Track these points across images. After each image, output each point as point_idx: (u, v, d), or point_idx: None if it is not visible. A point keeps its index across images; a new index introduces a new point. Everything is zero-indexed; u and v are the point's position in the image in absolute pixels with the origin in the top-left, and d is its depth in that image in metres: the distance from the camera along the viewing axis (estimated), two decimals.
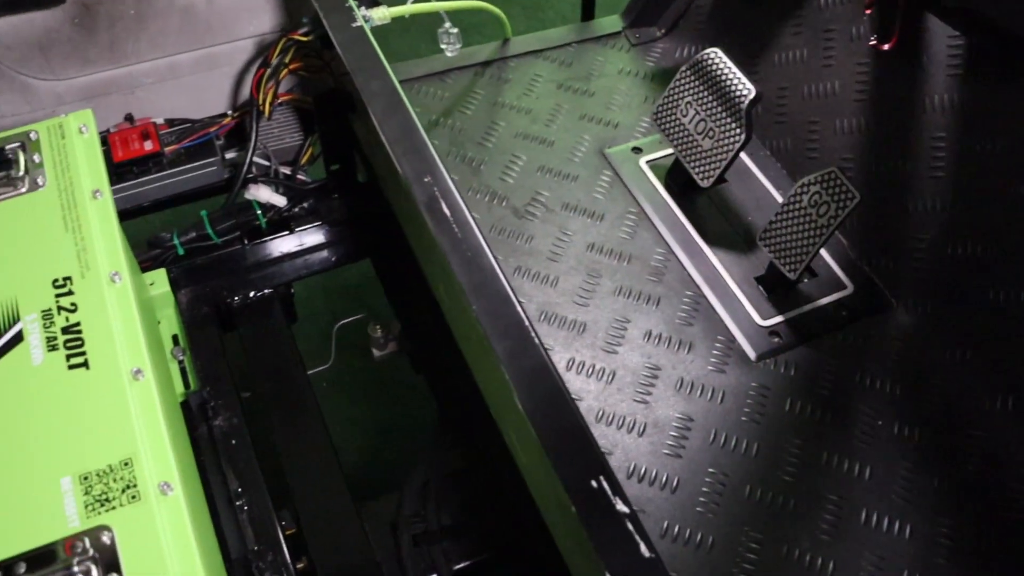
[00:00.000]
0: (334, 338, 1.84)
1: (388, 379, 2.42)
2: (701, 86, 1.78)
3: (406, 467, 1.71)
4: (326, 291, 2.49)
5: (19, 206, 1.38)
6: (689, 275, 1.77)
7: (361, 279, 2.54)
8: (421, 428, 2.26)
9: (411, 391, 2.35)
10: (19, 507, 1.09)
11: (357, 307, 1.90)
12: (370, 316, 1.82)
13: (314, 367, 1.74)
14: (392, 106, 1.43)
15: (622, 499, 1.09)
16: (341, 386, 2.35)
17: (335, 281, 2.52)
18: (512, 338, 1.20)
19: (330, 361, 1.84)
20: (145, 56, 1.84)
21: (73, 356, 1.21)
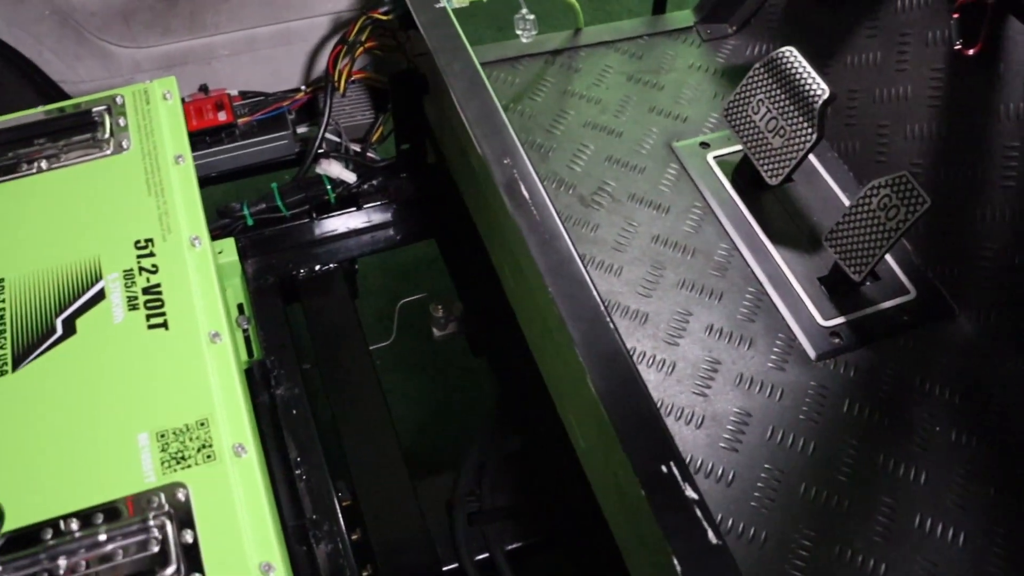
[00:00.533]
0: (396, 316, 1.86)
1: (446, 360, 2.44)
2: (774, 84, 1.78)
3: (459, 448, 1.73)
4: (383, 270, 2.52)
5: (104, 167, 1.41)
6: (752, 272, 1.78)
7: (418, 260, 2.56)
8: (476, 410, 2.28)
9: (468, 373, 2.37)
10: (97, 460, 1.12)
11: (413, 287, 1.92)
12: (432, 296, 1.84)
13: (371, 344, 1.76)
14: (474, 87, 1.44)
15: (691, 486, 1.10)
16: (399, 364, 2.37)
17: (393, 261, 2.54)
18: (587, 321, 1.22)
19: (392, 338, 1.86)
20: (224, 28, 1.87)
21: (153, 316, 1.24)
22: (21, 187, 1.39)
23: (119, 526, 1.07)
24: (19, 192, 1.38)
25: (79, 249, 1.31)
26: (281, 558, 1.07)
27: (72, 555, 1.05)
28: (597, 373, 1.18)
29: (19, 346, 1.21)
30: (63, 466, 1.11)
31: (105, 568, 1.05)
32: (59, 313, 1.24)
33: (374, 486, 1.61)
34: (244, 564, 1.05)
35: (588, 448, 1.41)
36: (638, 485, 1.11)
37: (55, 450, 1.13)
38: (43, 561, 1.05)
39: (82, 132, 1.44)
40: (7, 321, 1.23)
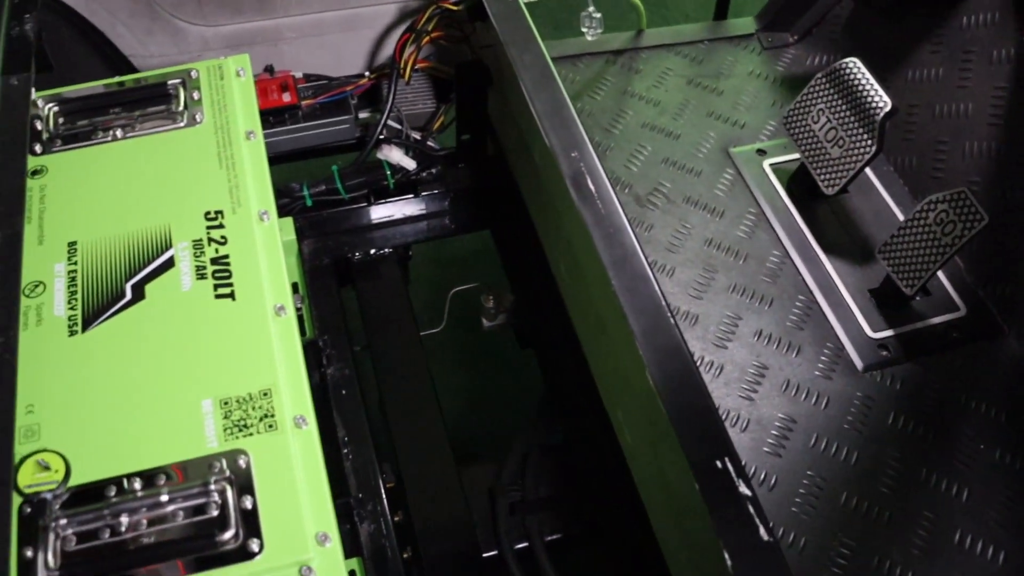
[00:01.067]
0: (448, 304, 1.88)
1: (493, 350, 2.46)
2: (835, 94, 1.79)
3: (501, 438, 1.75)
4: (433, 260, 2.54)
5: (177, 139, 1.44)
6: (803, 280, 1.79)
7: (467, 252, 2.58)
8: (520, 402, 2.29)
9: (514, 365, 2.39)
10: (162, 422, 1.15)
11: (461, 278, 1.93)
12: (484, 286, 1.86)
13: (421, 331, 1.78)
14: (544, 79, 1.46)
15: (745, 483, 1.11)
16: (447, 351, 2.40)
17: (443, 251, 2.56)
18: (649, 316, 1.23)
19: (442, 325, 1.88)
20: (292, 11, 1.90)
21: (220, 286, 1.26)
22: (96, 154, 1.42)
23: (180, 488, 1.09)
24: (94, 159, 1.41)
25: (150, 217, 1.33)
26: (336, 530, 1.09)
27: (134, 513, 1.08)
28: (656, 367, 1.19)
29: (89, 308, 1.24)
30: (128, 426, 1.14)
31: (165, 528, 1.08)
32: (129, 278, 1.27)
33: (419, 470, 1.62)
34: (301, 532, 1.07)
35: (634, 443, 1.43)
36: (692, 479, 1.12)
37: (121, 410, 1.15)
38: (106, 517, 1.07)
39: (157, 104, 1.47)
40: (79, 283, 1.26)
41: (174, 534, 1.07)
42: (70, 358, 1.20)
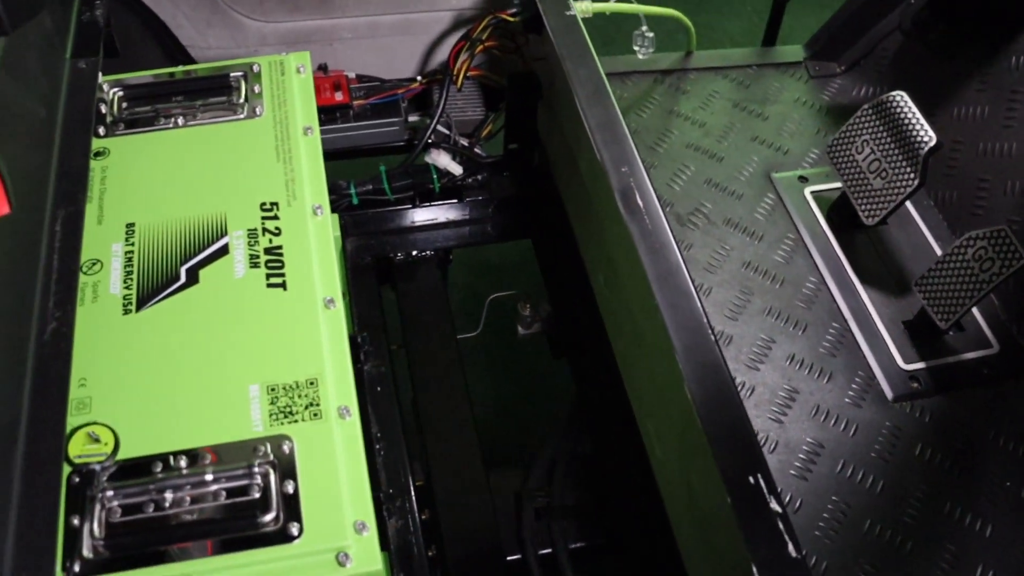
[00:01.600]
0: (485, 309, 1.91)
1: (526, 358, 2.48)
2: (881, 126, 1.80)
3: (529, 445, 1.77)
4: (470, 267, 2.57)
5: (237, 130, 1.48)
6: (838, 307, 1.80)
7: (504, 261, 2.61)
8: (549, 411, 2.32)
9: (546, 374, 2.41)
10: (209, 404, 1.18)
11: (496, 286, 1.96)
12: (521, 294, 1.89)
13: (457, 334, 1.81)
14: (598, 94, 1.49)
15: (776, 499, 1.13)
16: (481, 355, 2.42)
17: (480, 259, 2.59)
18: (691, 332, 1.25)
19: (478, 330, 1.90)
20: (350, 12, 1.93)
21: (273, 276, 1.30)
22: (157, 139, 1.46)
23: (225, 469, 1.13)
24: (155, 144, 1.45)
25: (207, 204, 1.37)
26: (374, 520, 1.12)
27: (178, 490, 1.11)
28: (695, 382, 1.21)
29: (144, 288, 1.27)
30: (177, 405, 1.17)
31: (208, 506, 1.10)
32: (184, 262, 1.30)
33: (448, 469, 1.65)
34: (341, 520, 1.10)
35: (664, 456, 1.45)
36: (724, 493, 1.13)
37: (170, 389, 1.19)
38: (151, 492, 1.11)
39: (219, 94, 1.51)
40: (135, 264, 1.30)
41: (216, 513, 1.10)
42: (123, 336, 1.23)
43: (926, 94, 2.04)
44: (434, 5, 1.94)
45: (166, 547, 1.07)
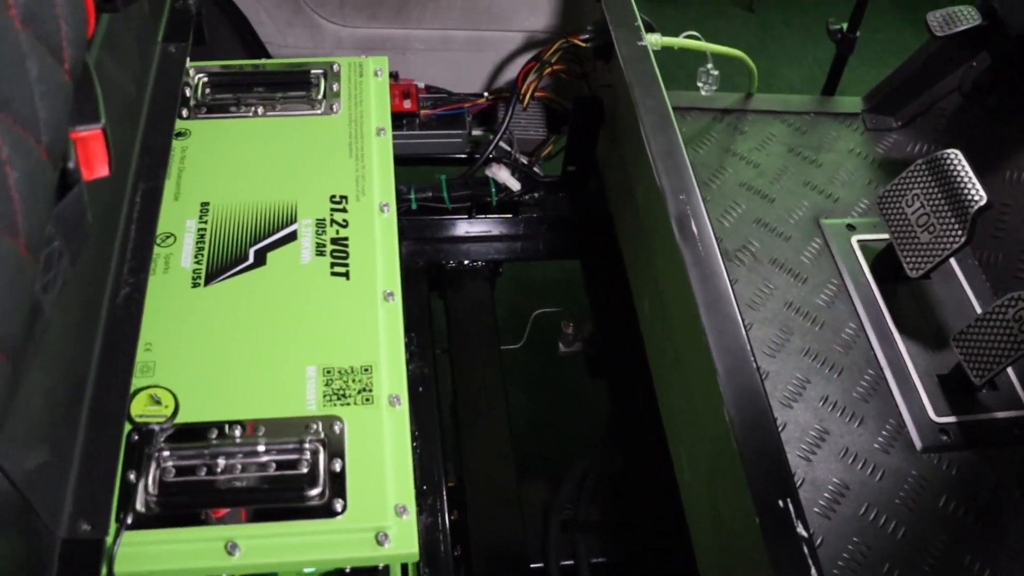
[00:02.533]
0: (530, 323, 1.96)
1: (564, 375, 2.52)
2: (933, 182, 1.84)
3: (558, 460, 1.81)
4: (515, 282, 2.61)
5: (313, 124, 1.53)
6: (875, 355, 1.83)
7: (548, 279, 2.66)
8: (581, 429, 2.36)
9: (582, 392, 2.47)
10: (267, 379, 1.22)
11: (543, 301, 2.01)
12: (566, 312, 1.93)
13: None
14: (663, 123, 1.53)
15: (803, 524, 1.16)
16: (521, 368, 2.46)
17: (526, 275, 2.64)
18: (734, 356, 1.29)
19: (521, 342, 1.95)
20: (425, 24, 1.99)
21: (337, 265, 1.35)
22: (236, 126, 1.51)
23: (276, 442, 1.17)
24: (234, 130, 1.51)
25: (279, 191, 1.42)
26: (414, 505, 1.16)
27: (230, 457, 1.15)
28: (734, 405, 1.24)
29: (213, 264, 1.33)
30: (236, 377, 1.22)
31: (257, 476, 1.15)
32: (253, 244, 1.35)
33: (481, 473, 1.69)
34: (383, 501, 1.14)
35: (692, 480, 1.48)
36: (753, 515, 1.17)
37: (231, 362, 1.23)
38: (205, 456, 1.15)
39: (299, 89, 1.57)
40: (206, 241, 1.35)
41: (264, 483, 1.14)
42: (190, 307, 1.28)
43: (980, 155, 2.07)
44: (507, 25, 2.00)
45: (213, 509, 1.12)
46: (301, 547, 1.11)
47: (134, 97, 1.39)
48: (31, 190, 0.79)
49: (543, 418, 2.52)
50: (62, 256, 0.93)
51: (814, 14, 3.22)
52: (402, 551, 1.12)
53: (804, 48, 3.74)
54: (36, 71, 0.80)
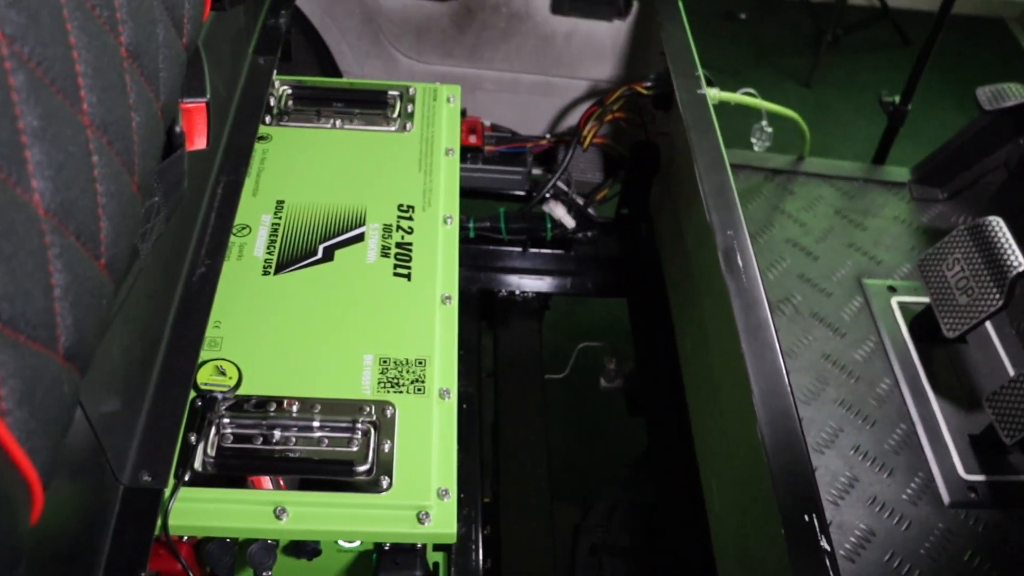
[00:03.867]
0: (574, 355, 2.02)
1: (603, 410, 2.57)
2: (974, 247, 1.90)
3: (584, 489, 1.86)
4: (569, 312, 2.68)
5: (387, 140, 1.63)
6: (908, 410, 1.87)
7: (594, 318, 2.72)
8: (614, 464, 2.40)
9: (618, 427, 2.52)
10: (327, 363, 1.30)
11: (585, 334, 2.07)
12: (612, 346, 1.99)
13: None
14: (715, 163, 1.61)
15: (827, 539, 1.21)
16: (562, 397, 2.52)
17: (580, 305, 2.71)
18: (770, 380, 1.34)
19: (565, 372, 2.01)
20: (496, 66, 2.10)
21: (400, 267, 1.43)
22: (315, 135, 1.61)
23: (331, 419, 1.24)
24: (312, 138, 1.61)
25: (350, 196, 1.51)
26: (455, 490, 1.22)
27: (286, 429, 1.22)
28: (767, 423, 1.29)
29: (284, 256, 1.41)
30: (297, 358, 1.29)
31: (310, 448, 1.21)
32: (323, 241, 1.44)
33: (516, 492, 1.74)
34: (427, 482, 1.19)
35: (722, 511, 1.52)
36: (779, 526, 1.21)
37: (294, 344, 1.31)
38: (262, 426, 1.22)
39: (376, 107, 1.67)
40: (279, 235, 1.44)
41: (317, 455, 1.21)
42: (260, 291, 1.36)
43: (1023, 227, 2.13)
44: (574, 72, 2.10)
45: (266, 475, 1.18)
46: (346, 518, 1.16)
47: (224, 99, 1.50)
48: (147, 137, 0.88)
49: (579, 448, 2.56)
50: (160, 211, 1.02)
51: (869, 93, 3.30)
52: (441, 530, 1.18)
53: (857, 125, 3.84)
54: (162, 36, 0.90)
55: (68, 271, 0.71)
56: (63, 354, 0.71)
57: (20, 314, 0.64)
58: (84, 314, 0.74)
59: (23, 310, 0.65)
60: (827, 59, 4.26)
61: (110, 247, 0.80)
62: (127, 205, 0.83)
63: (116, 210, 0.80)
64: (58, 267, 0.70)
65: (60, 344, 0.71)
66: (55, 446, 0.71)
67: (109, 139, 0.79)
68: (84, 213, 0.74)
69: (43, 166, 0.68)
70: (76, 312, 0.73)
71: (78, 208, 0.73)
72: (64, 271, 0.70)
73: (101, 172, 0.77)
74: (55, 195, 0.69)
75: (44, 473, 0.69)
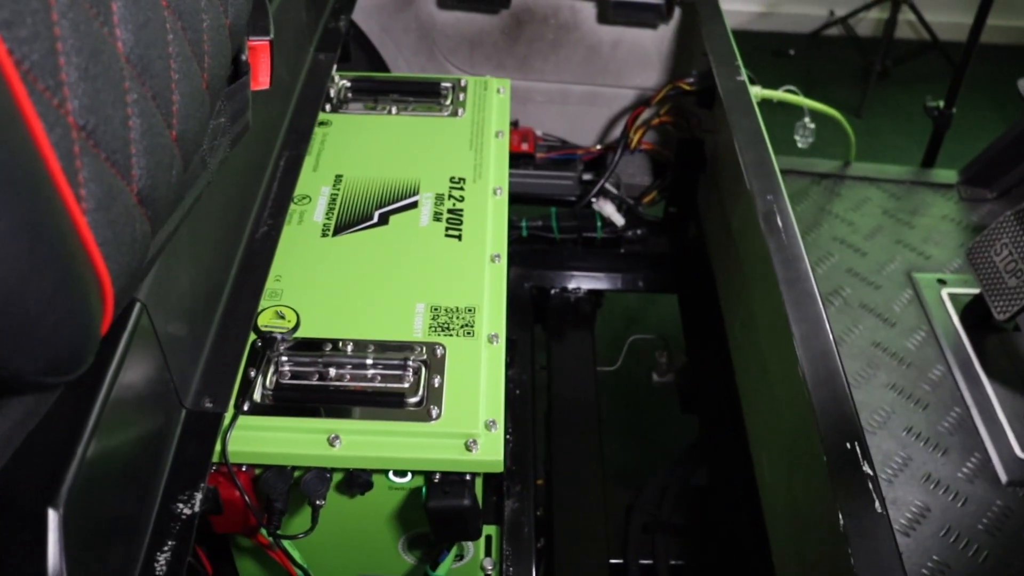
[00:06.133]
0: (626, 347, 2.06)
1: (655, 402, 2.59)
2: (1021, 231, 1.91)
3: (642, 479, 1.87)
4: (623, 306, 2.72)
5: (440, 123, 1.71)
6: (962, 396, 1.87)
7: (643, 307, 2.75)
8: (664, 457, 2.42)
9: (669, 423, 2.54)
10: (381, 310, 1.36)
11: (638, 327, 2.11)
12: (662, 340, 2.03)
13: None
14: (754, 138, 1.66)
15: (869, 464, 1.22)
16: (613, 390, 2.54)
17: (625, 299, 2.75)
18: (809, 323, 1.37)
19: (617, 364, 2.05)
20: (546, 77, 2.19)
21: (451, 229, 1.49)
22: (372, 120, 1.71)
23: (383, 358, 1.29)
24: (370, 123, 1.70)
25: (405, 170, 1.59)
26: (503, 421, 1.26)
27: (341, 367, 1.28)
28: (808, 361, 1.32)
29: (341, 221, 1.49)
30: (353, 306, 1.36)
31: (363, 384, 1.27)
32: (378, 208, 1.52)
33: (569, 472, 1.77)
34: (475, 413, 1.24)
35: (772, 481, 1.54)
36: (821, 454, 1.23)
37: (350, 294, 1.37)
38: (319, 364, 1.28)
39: (429, 97, 1.76)
40: (337, 204, 1.52)
41: (370, 388, 1.26)
42: (318, 250, 1.44)
43: None
44: (621, 81, 2.18)
45: (320, 405, 1.24)
46: (396, 446, 1.21)
47: (287, 84, 1.59)
48: (216, 41, 0.97)
49: (631, 439, 2.58)
50: (226, 132, 1.10)
51: (920, 121, 3.33)
52: (488, 458, 1.21)
53: (909, 152, 3.88)
54: None
55: (143, 120, 0.78)
56: (136, 193, 0.78)
57: (100, 129, 0.71)
58: (156, 168, 0.81)
59: (104, 128, 0.71)
60: (878, 91, 4.36)
61: (181, 122, 0.87)
62: (197, 93, 0.91)
63: (187, 92, 0.88)
64: (135, 112, 0.76)
65: (134, 182, 0.77)
66: (127, 271, 0.77)
67: (183, 25, 0.87)
68: (159, 77, 0.81)
69: (126, 19, 0.75)
70: (150, 161, 0.79)
71: (155, 69, 0.80)
72: (140, 117, 0.77)
73: (175, 50, 0.85)
74: (135, 48, 0.77)
75: (117, 283, 0.75)
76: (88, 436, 0.89)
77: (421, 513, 1.25)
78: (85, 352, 0.72)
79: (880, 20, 4.66)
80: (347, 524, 1.34)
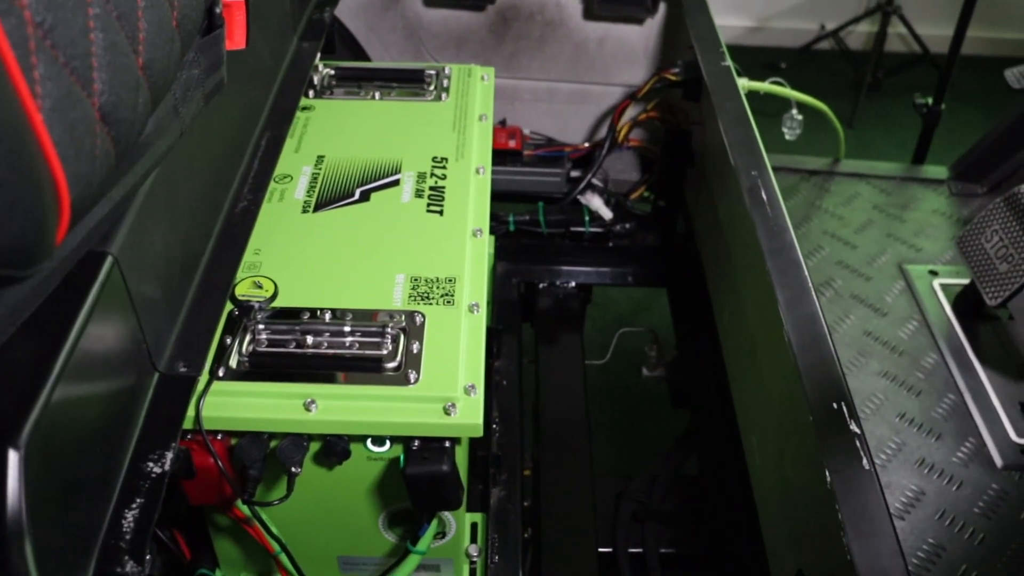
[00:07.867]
0: (615, 341, 2.04)
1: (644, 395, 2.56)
2: (1011, 216, 1.89)
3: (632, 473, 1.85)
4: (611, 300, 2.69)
5: (423, 108, 1.71)
6: (955, 383, 1.85)
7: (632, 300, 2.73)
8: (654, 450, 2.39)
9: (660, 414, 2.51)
10: (360, 281, 1.34)
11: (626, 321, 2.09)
12: (652, 333, 2.01)
13: None
14: (739, 118, 1.66)
15: (856, 423, 1.20)
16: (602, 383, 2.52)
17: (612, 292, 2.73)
18: (792, 289, 1.36)
19: (606, 359, 2.02)
20: (533, 75, 2.19)
21: (432, 205, 1.48)
22: (355, 106, 1.70)
23: (362, 326, 1.27)
24: (354, 108, 1.69)
25: (388, 151, 1.58)
26: (483, 387, 1.23)
27: (318, 335, 1.26)
28: (793, 327, 1.31)
29: (323, 198, 1.48)
30: (332, 277, 1.34)
31: (341, 350, 1.25)
32: (360, 185, 1.51)
33: (557, 462, 1.74)
34: (454, 378, 1.22)
35: (763, 463, 1.51)
36: (808, 413, 1.21)
37: (330, 266, 1.36)
38: (296, 332, 1.26)
39: (412, 83, 1.75)
40: (318, 182, 1.51)
41: (348, 354, 1.24)
42: (298, 226, 1.43)
43: None
44: (608, 78, 2.18)
45: (296, 371, 1.22)
46: (374, 410, 1.19)
47: (270, 67, 1.59)
48: None
49: (620, 432, 2.55)
50: (199, 85, 1.09)
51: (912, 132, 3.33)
52: (467, 421, 1.19)
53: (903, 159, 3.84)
54: None
55: (106, 36, 0.76)
56: (98, 108, 0.76)
57: (58, 31, 0.69)
58: (120, 88, 0.79)
59: (62, 30, 0.69)
60: (869, 102, 4.40)
61: (148, 50, 0.86)
62: (165, 26, 0.90)
63: (155, 21, 0.87)
64: (98, 26, 0.75)
65: (96, 96, 0.76)
66: (85, 181, 0.75)
67: None
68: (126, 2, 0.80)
69: None
70: (112, 78, 0.78)
71: None
72: (102, 32, 0.75)
73: None
74: None
75: (73, 188, 0.73)
76: (53, 381, 0.87)
77: (401, 486, 1.23)
78: (36, 250, 0.71)
79: (871, 33, 4.72)
80: (326, 499, 1.32)
